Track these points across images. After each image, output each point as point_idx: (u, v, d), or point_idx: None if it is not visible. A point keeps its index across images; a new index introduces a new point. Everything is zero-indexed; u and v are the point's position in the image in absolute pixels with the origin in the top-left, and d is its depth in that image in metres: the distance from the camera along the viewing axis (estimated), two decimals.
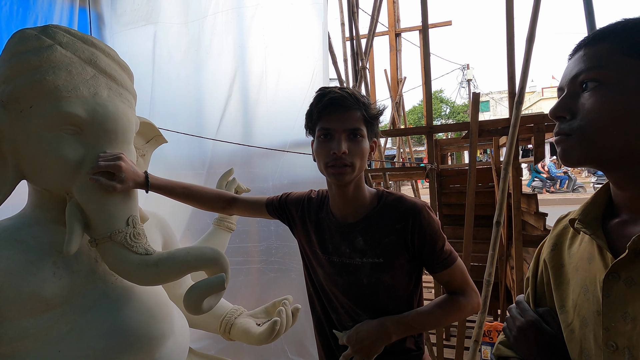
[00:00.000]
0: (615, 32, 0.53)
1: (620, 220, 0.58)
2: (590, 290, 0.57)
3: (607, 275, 0.54)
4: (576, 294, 0.60)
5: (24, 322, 0.83)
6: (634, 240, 0.51)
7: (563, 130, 0.56)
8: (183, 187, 1.06)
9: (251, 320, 1.25)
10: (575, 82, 0.55)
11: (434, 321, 0.95)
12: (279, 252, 2.11)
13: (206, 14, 2.09)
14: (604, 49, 0.53)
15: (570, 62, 0.58)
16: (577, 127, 0.54)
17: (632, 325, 0.51)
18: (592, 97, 0.53)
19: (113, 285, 0.95)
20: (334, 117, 0.87)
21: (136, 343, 0.91)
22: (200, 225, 2.03)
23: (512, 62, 2.18)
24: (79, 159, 0.89)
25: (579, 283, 0.60)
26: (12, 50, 0.87)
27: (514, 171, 2.21)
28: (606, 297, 0.54)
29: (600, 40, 0.54)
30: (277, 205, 1.08)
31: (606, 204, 0.62)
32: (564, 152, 0.56)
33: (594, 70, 0.53)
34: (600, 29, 0.55)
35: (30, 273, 0.84)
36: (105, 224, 0.89)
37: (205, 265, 0.93)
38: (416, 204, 0.92)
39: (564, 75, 0.58)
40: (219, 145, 1.98)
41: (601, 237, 0.58)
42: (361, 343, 0.90)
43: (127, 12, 2.19)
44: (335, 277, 0.96)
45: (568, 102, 0.56)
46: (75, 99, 0.87)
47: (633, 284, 0.52)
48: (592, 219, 0.61)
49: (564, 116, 0.56)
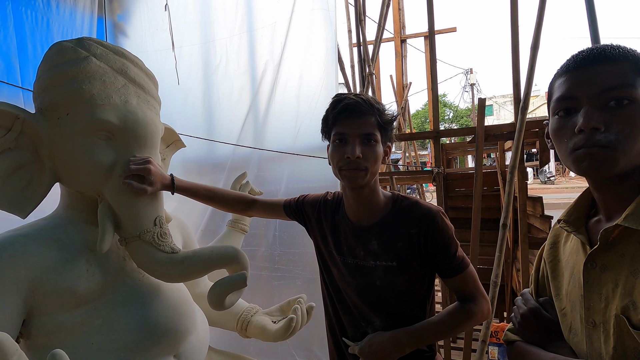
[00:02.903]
0: (629, 54, 0.59)
1: (598, 219, 0.68)
2: (576, 278, 0.67)
3: (586, 263, 0.64)
4: (567, 283, 0.70)
5: (60, 316, 0.89)
6: (602, 233, 0.61)
7: (600, 142, 0.58)
8: (206, 189, 1.12)
9: (267, 318, 1.30)
10: (605, 95, 0.59)
11: (446, 330, 0.96)
12: (283, 259, 2.12)
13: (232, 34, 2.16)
14: (627, 68, 0.59)
15: (590, 74, 0.61)
16: (616, 140, 0.58)
17: (605, 303, 0.61)
18: (628, 113, 0.58)
19: (141, 282, 1.00)
20: (349, 122, 0.91)
21: (163, 337, 0.96)
22: (213, 227, 2.08)
23: (517, 68, 2.23)
24: (111, 163, 0.94)
25: (569, 273, 0.70)
26: (51, 61, 0.93)
27: (519, 175, 2.25)
28: (586, 282, 0.64)
29: (618, 59, 0.59)
30: (295, 206, 1.13)
31: (589, 205, 0.71)
32: (603, 162, 0.59)
33: (628, 89, 0.58)
34: (609, 47, 0.61)
35: (66, 270, 0.89)
36: (135, 224, 0.94)
37: (228, 263, 0.98)
38: (431, 210, 0.94)
39: (580, 86, 0.61)
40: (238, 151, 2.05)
41: (583, 233, 0.68)
42: (375, 355, 0.91)
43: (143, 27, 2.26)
44: (350, 279, 0.99)
45: (601, 115, 0.59)
46: (109, 107, 0.93)
47: (606, 269, 0.62)
48: (576, 218, 0.70)
49: (599, 128, 0.59)
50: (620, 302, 0.58)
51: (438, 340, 1.06)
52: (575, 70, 0.63)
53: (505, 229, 2.07)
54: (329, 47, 2.23)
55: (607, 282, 0.61)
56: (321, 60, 2.21)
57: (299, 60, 2.21)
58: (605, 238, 0.62)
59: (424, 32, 5.58)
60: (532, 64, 2.02)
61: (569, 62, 0.64)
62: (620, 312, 0.58)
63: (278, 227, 2.14)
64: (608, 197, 0.65)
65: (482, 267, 2.78)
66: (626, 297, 0.58)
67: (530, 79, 2.04)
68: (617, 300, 0.59)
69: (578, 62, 0.62)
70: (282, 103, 2.20)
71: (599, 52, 0.61)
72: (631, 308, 0.57)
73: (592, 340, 0.63)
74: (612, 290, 0.60)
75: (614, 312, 0.59)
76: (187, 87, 2.14)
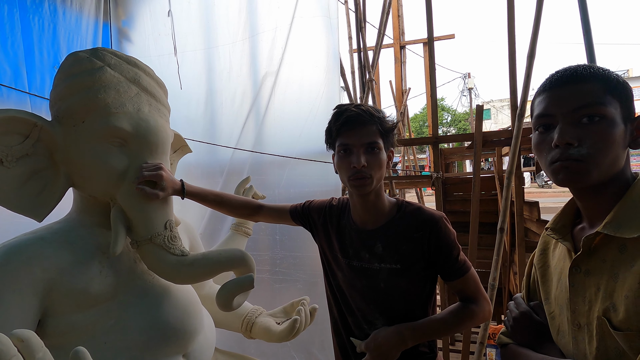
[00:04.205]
0: (599, 74, 0.65)
1: (582, 226, 0.72)
2: (563, 283, 0.71)
3: (571, 268, 0.69)
4: (556, 287, 0.74)
5: (74, 316, 0.92)
6: (584, 240, 0.66)
7: (572, 155, 0.64)
8: (214, 194, 1.15)
9: (271, 319, 1.33)
10: (578, 113, 0.64)
11: (447, 328, 1.00)
12: (284, 262, 2.15)
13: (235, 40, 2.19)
14: (597, 87, 0.64)
15: (564, 93, 0.66)
16: (587, 154, 0.63)
17: (588, 306, 0.65)
18: (599, 129, 0.63)
19: (151, 283, 1.03)
20: (352, 133, 0.96)
21: (173, 336, 0.99)
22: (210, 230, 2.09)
23: (514, 76, 2.29)
24: (124, 169, 0.98)
25: (557, 278, 0.74)
26: (67, 71, 0.97)
27: (516, 180, 2.30)
28: (572, 286, 0.69)
29: (589, 79, 0.65)
30: (301, 212, 1.16)
31: (574, 213, 0.75)
32: (576, 175, 0.64)
33: (598, 107, 0.63)
34: (582, 68, 0.66)
35: (80, 272, 0.92)
36: (146, 227, 0.98)
37: (235, 265, 1.02)
38: (434, 215, 0.99)
39: (555, 104, 0.67)
40: (236, 155, 2.07)
41: (569, 240, 0.72)
42: (379, 349, 0.94)
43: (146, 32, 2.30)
44: (355, 281, 1.03)
45: (574, 131, 0.64)
46: (122, 115, 0.97)
47: (589, 274, 0.66)
48: (562, 226, 0.75)
49: (573, 143, 0.64)
50: (601, 305, 0.63)
51: (439, 337, 1.09)
52: (551, 89, 0.68)
53: (503, 233, 2.11)
54: (330, 53, 2.27)
55: (591, 286, 0.65)
56: (322, 66, 2.25)
57: (300, 65, 2.24)
58: (588, 245, 0.66)
59: (423, 39, 5.64)
60: (529, 72, 2.07)
61: (547, 81, 0.69)
62: (602, 314, 0.62)
63: (279, 230, 2.17)
64: (589, 205, 0.70)
65: (480, 270, 2.81)
66: (607, 300, 0.62)
67: (526, 86, 2.09)
68: (599, 303, 0.63)
69: (554, 82, 0.68)
70: (283, 108, 2.23)
71: (572, 73, 0.66)
72: (612, 310, 0.61)
73: (578, 341, 0.67)
74: (594, 294, 0.64)
75: (597, 314, 0.63)
76: (190, 91, 2.17)
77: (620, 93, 0.64)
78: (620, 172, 0.66)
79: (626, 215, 0.63)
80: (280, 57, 2.21)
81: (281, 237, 2.17)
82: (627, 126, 0.65)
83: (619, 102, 0.64)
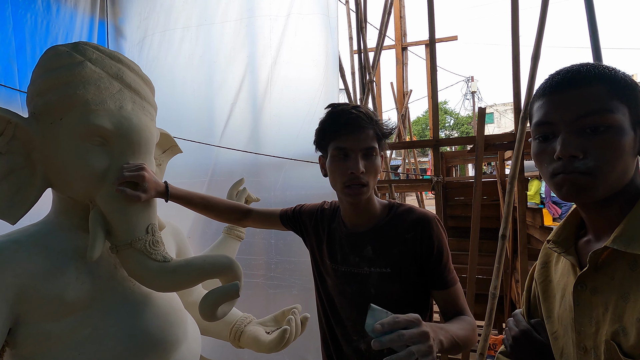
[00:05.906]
0: (604, 75, 0.58)
1: (588, 239, 0.66)
2: (567, 301, 0.65)
3: (576, 285, 0.62)
4: (559, 305, 0.68)
5: (47, 325, 0.87)
6: (591, 255, 0.60)
7: (578, 168, 0.58)
8: (201, 197, 1.10)
9: (260, 328, 1.28)
10: (582, 122, 0.58)
11: (466, 341, 0.82)
12: (279, 267, 2.09)
13: (213, 22, 2.13)
14: (602, 91, 0.57)
15: (565, 99, 0.60)
16: (594, 166, 0.57)
17: (595, 328, 0.59)
18: (606, 138, 0.57)
19: (131, 290, 0.98)
20: (351, 136, 0.90)
21: (153, 347, 0.94)
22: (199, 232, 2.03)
23: (517, 79, 2.23)
24: (104, 169, 0.93)
25: (560, 295, 0.68)
26: (46, 65, 0.92)
27: (519, 185, 2.24)
28: (577, 304, 0.62)
29: (593, 81, 0.58)
30: (291, 216, 1.11)
31: (578, 225, 0.69)
32: (582, 189, 0.58)
33: (605, 115, 0.57)
34: (585, 68, 0.59)
35: (55, 277, 0.87)
36: (127, 231, 0.93)
37: (221, 272, 0.96)
38: (426, 214, 0.95)
39: (556, 111, 0.60)
40: (222, 154, 2.01)
41: (573, 254, 0.66)
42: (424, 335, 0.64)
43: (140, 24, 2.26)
44: (344, 287, 0.98)
45: (578, 141, 0.58)
46: (103, 112, 0.92)
47: (596, 293, 0.60)
48: (564, 239, 0.69)
49: (577, 155, 0.58)
50: (610, 327, 0.56)
51: (458, 351, 0.88)
52: (551, 94, 0.61)
53: (505, 240, 2.05)
54: (329, 53, 2.21)
55: (598, 305, 0.59)
56: (321, 66, 2.20)
57: (298, 63, 2.18)
58: (595, 260, 0.60)
59: (425, 40, 5.60)
60: (533, 75, 2.02)
61: (546, 84, 0.63)
62: (611, 338, 0.56)
63: (274, 234, 2.12)
64: (595, 217, 0.64)
65: (481, 277, 2.76)
66: (616, 322, 0.56)
67: (530, 89, 2.04)
68: (608, 325, 0.57)
69: (554, 86, 0.61)
70: (279, 106, 2.17)
71: (574, 75, 0.59)
72: (622, 334, 0.55)
73: None
74: (602, 315, 0.58)
75: (604, 338, 0.57)
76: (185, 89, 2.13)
77: (628, 96, 0.57)
78: (630, 182, 0.60)
79: (637, 229, 0.57)
80: (275, 54, 2.15)
81: (276, 241, 2.12)
82: (636, 132, 0.58)
83: (627, 106, 0.57)
